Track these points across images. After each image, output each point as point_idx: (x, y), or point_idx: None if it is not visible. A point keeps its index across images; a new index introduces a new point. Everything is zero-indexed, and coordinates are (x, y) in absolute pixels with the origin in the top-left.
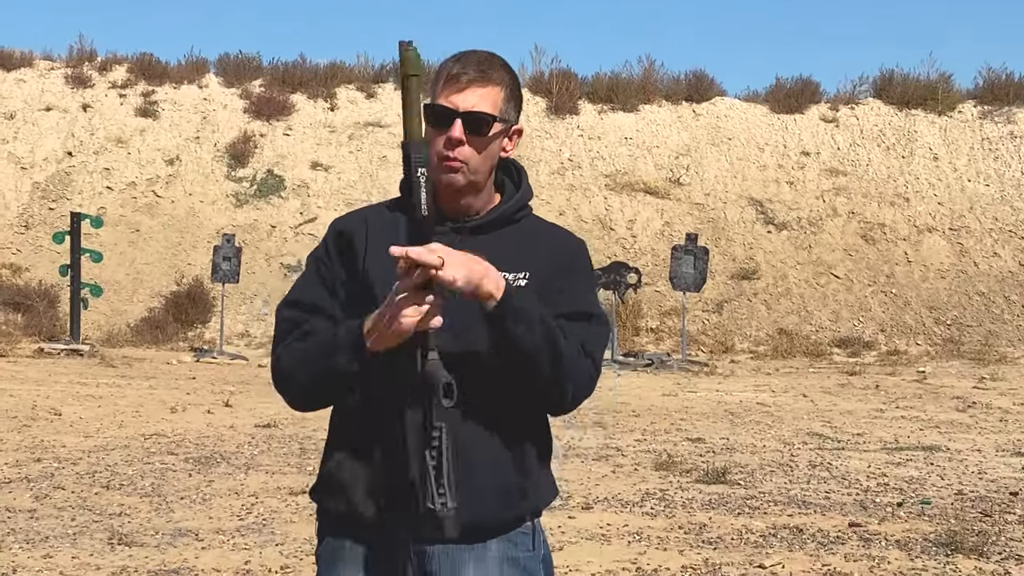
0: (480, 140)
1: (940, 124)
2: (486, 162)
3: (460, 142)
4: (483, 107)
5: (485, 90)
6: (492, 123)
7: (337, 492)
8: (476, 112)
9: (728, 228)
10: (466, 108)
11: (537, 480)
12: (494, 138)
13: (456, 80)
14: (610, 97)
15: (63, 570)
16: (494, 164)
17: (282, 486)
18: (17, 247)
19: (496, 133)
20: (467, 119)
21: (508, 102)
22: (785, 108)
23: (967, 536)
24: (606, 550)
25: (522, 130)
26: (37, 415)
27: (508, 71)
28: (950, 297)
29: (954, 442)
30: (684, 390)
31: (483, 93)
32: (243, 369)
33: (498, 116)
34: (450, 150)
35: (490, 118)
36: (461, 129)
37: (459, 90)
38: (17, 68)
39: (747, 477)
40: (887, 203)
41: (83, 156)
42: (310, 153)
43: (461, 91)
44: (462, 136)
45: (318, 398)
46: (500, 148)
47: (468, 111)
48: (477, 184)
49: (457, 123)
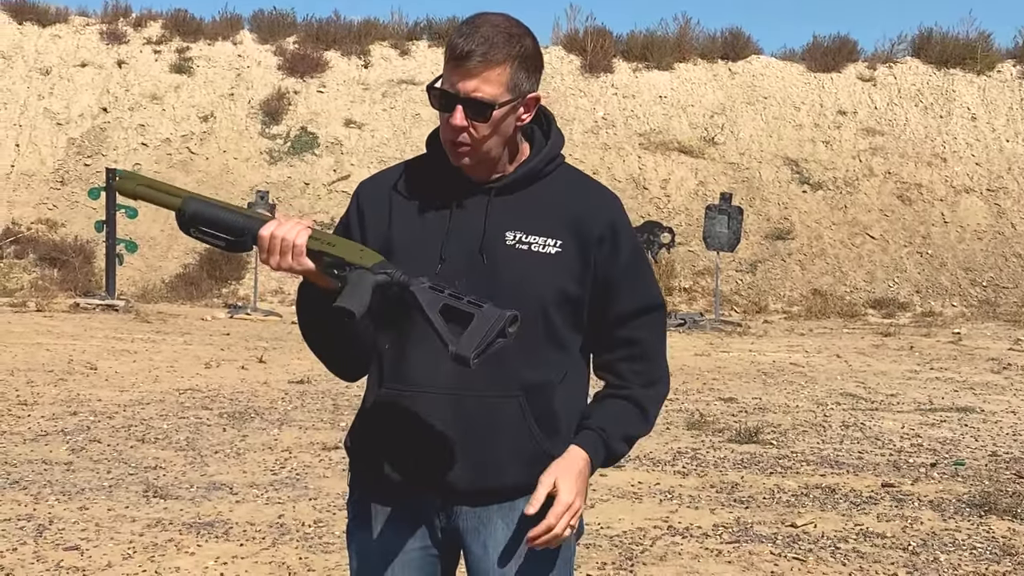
0: (484, 124)
1: (979, 84)
2: (496, 139)
3: (463, 128)
4: (485, 91)
5: (488, 73)
6: (493, 109)
7: (366, 455)
8: (476, 99)
9: (763, 188)
10: (467, 93)
11: (565, 442)
12: (502, 119)
13: (458, 62)
14: (645, 55)
15: (99, 522)
16: (508, 137)
17: (315, 441)
18: (53, 203)
19: (504, 113)
20: (468, 105)
21: (518, 74)
22: (822, 67)
23: (1000, 497)
24: (638, 508)
25: (539, 97)
26: (73, 369)
27: (518, 41)
28: (986, 258)
29: (988, 404)
30: (717, 350)
31: (486, 76)
32: (276, 326)
33: (499, 102)
34: (455, 136)
35: (491, 105)
36: (463, 115)
37: (461, 74)
38: (52, 24)
39: (779, 437)
40: (924, 163)
41: (118, 112)
42: (343, 110)
43: (463, 75)
44: (463, 122)
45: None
46: (514, 121)
47: (468, 97)
48: (490, 159)
49: (458, 109)
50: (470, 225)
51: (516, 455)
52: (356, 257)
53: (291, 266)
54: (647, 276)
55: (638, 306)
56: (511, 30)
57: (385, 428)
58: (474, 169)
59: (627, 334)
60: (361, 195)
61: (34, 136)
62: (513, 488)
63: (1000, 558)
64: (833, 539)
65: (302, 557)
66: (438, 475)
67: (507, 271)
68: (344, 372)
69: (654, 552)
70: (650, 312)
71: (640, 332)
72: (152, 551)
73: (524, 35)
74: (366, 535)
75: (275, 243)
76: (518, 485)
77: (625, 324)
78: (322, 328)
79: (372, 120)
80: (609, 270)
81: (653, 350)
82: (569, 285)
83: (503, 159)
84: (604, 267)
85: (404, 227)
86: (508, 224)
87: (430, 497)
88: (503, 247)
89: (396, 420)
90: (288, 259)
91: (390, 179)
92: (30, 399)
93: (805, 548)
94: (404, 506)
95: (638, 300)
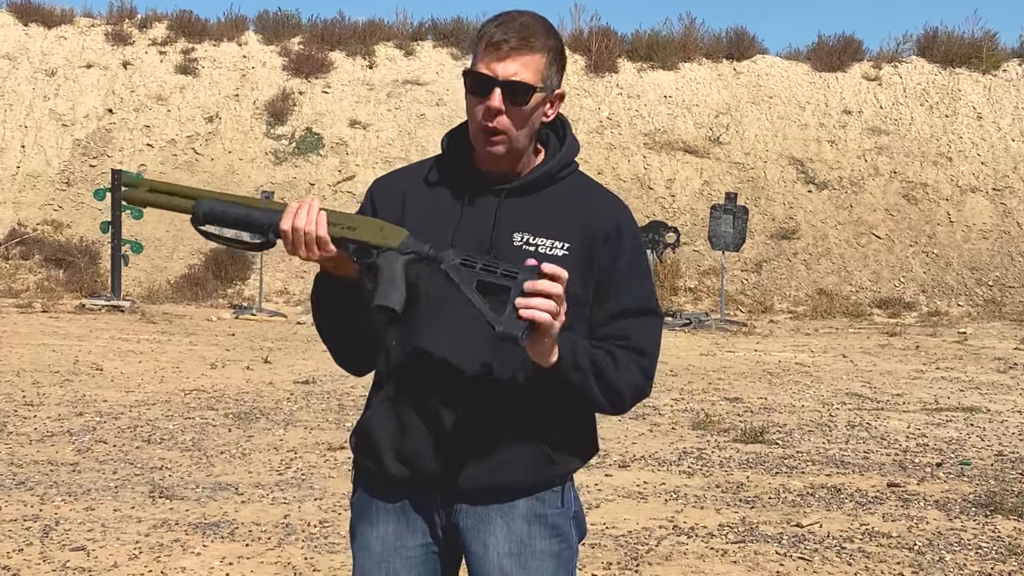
0: (520, 110)
1: (984, 83)
2: (527, 130)
3: (499, 111)
4: (524, 76)
5: (527, 58)
6: (532, 93)
7: (369, 450)
8: (516, 81)
9: (768, 187)
10: (506, 77)
11: (570, 445)
12: (535, 107)
13: (497, 47)
14: (650, 55)
15: (105, 522)
16: (535, 130)
17: (320, 441)
18: (59, 204)
19: (537, 102)
20: (507, 88)
21: (550, 68)
22: (827, 66)
23: (1007, 497)
24: (643, 508)
25: (564, 94)
26: (79, 370)
27: (552, 35)
28: (992, 258)
29: (994, 403)
30: (722, 350)
31: (525, 61)
32: (282, 326)
33: (538, 86)
34: (489, 120)
35: (530, 88)
36: (500, 98)
37: (500, 58)
38: (58, 25)
39: (785, 437)
40: (929, 163)
41: (123, 113)
42: (348, 111)
43: (502, 59)
44: (501, 105)
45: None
46: (542, 115)
47: (508, 80)
48: (518, 151)
49: (496, 92)
50: (479, 225)
51: (517, 455)
52: (379, 238)
53: (320, 257)
54: (646, 282)
55: (634, 306)
56: (546, 24)
57: (387, 425)
58: (500, 162)
59: (619, 330)
60: (375, 191)
61: (40, 137)
62: (514, 488)
63: (1006, 557)
64: (839, 539)
65: (308, 557)
66: (439, 473)
67: None
68: (352, 365)
69: (659, 552)
70: (644, 315)
71: (632, 330)
72: (158, 551)
73: (556, 33)
74: (368, 531)
75: (298, 237)
76: (519, 485)
77: (617, 321)
78: (336, 320)
79: (377, 120)
80: (609, 269)
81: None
82: (575, 286)
83: (526, 156)
84: (605, 265)
85: (415, 224)
86: (517, 226)
87: (431, 494)
88: (510, 248)
89: (398, 417)
90: (315, 251)
91: (405, 177)
92: (36, 400)
93: (811, 548)
94: (406, 503)
95: (634, 301)
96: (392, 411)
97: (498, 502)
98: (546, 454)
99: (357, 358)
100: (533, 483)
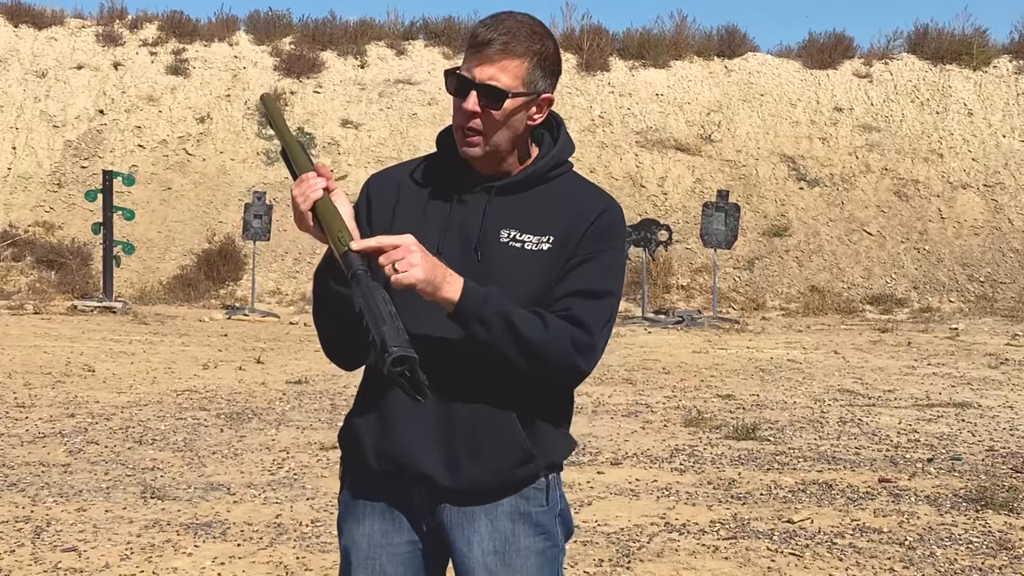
0: (496, 113)
1: (975, 79)
2: (506, 133)
3: (475, 114)
4: (501, 80)
5: (506, 62)
6: (506, 98)
7: (354, 447)
8: (490, 86)
9: (760, 185)
10: (482, 80)
11: (546, 441)
12: (514, 111)
13: (479, 49)
14: (641, 53)
15: (96, 523)
16: (518, 134)
17: (313, 441)
18: (50, 205)
19: (517, 106)
20: (482, 91)
21: (534, 72)
22: (818, 63)
23: (997, 492)
24: (635, 505)
25: (552, 99)
26: (71, 371)
27: (539, 39)
28: (983, 254)
29: (986, 399)
30: (715, 347)
31: (504, 65)
32: (274, 326)
33: (514, 92)
34: (464, 121)
35: (504, 93)
36: (475, 101)
37: (480, 61)
38: (48, 26)
39: (777, 433)
40: (921, 159)
41: (114, 114)
42: (340, 111)
43: (482, 62)
44: (476, 108)
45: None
46: (526, 119)
47: (483, 83)
48: (499, 153)
49: (472, 94)
50: (468, 222)
51: (500, 454)
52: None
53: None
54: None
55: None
56: (535, 28)
57: (373, 423)
58: (482, 162)
59: (562, 304)
60: (371, 186)
61: (31, 139)
62: (497, 488)
63: (996, 552)
64: (830, 534)
65: (300, 557)
66: (423, 472)
67: (499, 269)
68: (343, 361)
69: (651, 548)
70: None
71: (575, 305)
72: (150, 552)
73: (546, 36)
74: (355, 527)
75: (293, 202)
76: (502, 485)
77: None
78: (329, 317)
79: (369, 120)
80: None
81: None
82: (553, 278)
83: (512, 157)
84: (573, 255)
85: (406, 219)
86: (504, 223)
87: (416, 492)
88: (497, 245)
89: (384, 415)
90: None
91: (399, 173)
92: (28, 401)
93: (802, 544)
94: (392, 500)
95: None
96: (376, 410)
97: (481, 502)
98: (526, 451)
99: (347, 355)
100: (510, 482)
